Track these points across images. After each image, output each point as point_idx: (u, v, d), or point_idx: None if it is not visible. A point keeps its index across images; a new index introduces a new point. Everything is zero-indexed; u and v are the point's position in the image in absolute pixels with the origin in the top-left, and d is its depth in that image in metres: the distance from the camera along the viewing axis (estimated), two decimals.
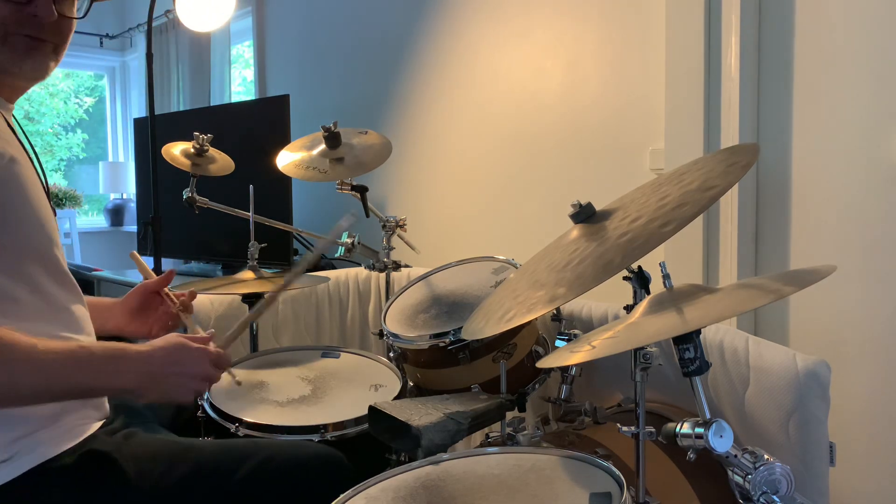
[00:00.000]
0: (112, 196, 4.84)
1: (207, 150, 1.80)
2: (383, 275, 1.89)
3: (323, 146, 1.71)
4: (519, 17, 2.16)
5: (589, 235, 0.95)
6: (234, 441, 1.20)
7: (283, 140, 2.47)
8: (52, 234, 1.10)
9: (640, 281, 1.03)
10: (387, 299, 1.69)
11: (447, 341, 1.39)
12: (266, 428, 1.27)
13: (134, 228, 4.43)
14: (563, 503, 0.88)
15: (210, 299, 1.93)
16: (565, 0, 2.03)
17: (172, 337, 1.09)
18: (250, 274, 1.71)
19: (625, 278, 1.03)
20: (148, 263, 1.50)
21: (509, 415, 1.28)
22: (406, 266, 1.92)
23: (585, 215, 0.98)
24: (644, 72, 1.84)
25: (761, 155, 1.66)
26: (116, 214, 4.72)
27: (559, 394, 1.45)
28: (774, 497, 0.81)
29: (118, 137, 5.00)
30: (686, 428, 0.84)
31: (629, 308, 1.09)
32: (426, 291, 1.61)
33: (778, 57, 1.63)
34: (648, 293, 0.99)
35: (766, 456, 0.83)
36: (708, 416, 0.84)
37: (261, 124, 2.76)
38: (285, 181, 2.59)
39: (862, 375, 1.51)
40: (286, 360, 1.57)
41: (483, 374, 1.41)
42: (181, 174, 1.77)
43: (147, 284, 1.34)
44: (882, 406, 1.49)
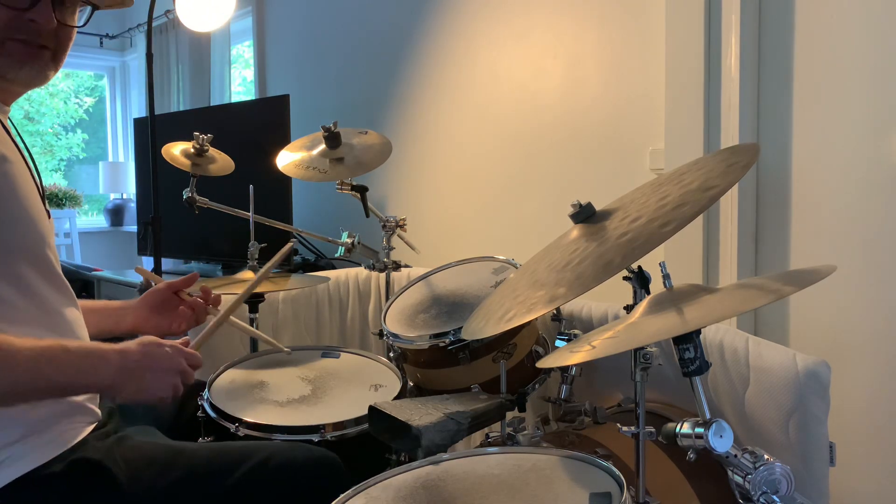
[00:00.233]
0: (112, 196, 4.84)
1: (207, 150, 1.81)
2: (383, 275, 1.89)
3: (323, 146, 1.71)
4: (519, 17, 2.16)
5: (589, 235, 0.95)
6: (227, 444, 1.19)
7: (283, 140, 2.47)
8: (45, 235, 1.09)
9: (640, 281, 1.02)
10: (387, 299, 1.69)
11: (447, 341, 1.39)
12: (266, 428, 1.27)
13: (134, 228, 4.43)
14: (563, 503, 0.88)
15: None
16: (565, 0, 2.03)
17: (146, 337, 1.10)
18: (250, 274, 1.72)
19: (625, 278, 1.03)
20: (148, 264, 1.50)
21: (509, 415, 1.28)
22: (406, 266, 1.92)
23: (585, 215, 0.98)
24: (644, 72, 1.84)
25: (761, 155, 1.66)
26: (116, 214, 4.73)
27: (559, 394, 1.45)
28: (774, 497, 0.81)
29: (118, 137, 5.00)
30: (686, 428, 0.84)
31: (629, 308, 1.09)
32: (426, 291, 1.61)
33: (778, 57, 1.63)
34: (648, 293, 0.99)
35: (766, 456, 0.83)
36: (708, 417, 0.84)
37: (261, 124, 2.76)
38: (285, 181, 2.59)
39: (862, 375, 1.51)
40: (286, 360, 1.57)
41: (483, 374, 1.41)
42: (181, 174, 1.78)
43: (172, 284, 1.37)
44: (882, 406, 1.49)
